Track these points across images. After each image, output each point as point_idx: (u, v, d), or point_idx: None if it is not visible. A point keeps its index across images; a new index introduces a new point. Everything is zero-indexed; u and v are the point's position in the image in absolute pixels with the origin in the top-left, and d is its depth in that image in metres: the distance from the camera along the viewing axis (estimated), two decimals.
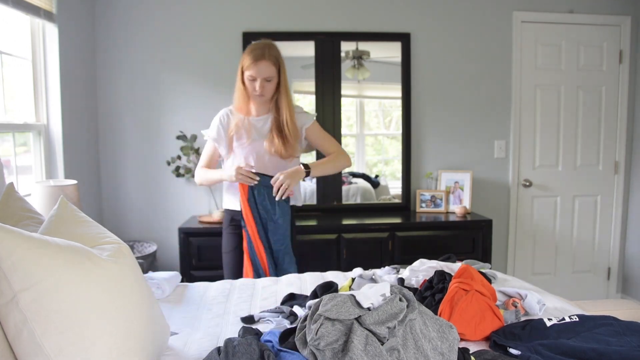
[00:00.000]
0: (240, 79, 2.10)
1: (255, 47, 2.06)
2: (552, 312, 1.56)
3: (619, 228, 3.63)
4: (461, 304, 1.41)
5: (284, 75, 2.11)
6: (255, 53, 2.03)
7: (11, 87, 2.55)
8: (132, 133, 3.26)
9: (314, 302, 1.18)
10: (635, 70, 3.54)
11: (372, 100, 3.48)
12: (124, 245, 1.16)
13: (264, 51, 2.03)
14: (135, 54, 3.21)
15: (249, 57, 2.04)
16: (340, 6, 3.29)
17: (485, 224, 3.10)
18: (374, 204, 3.43)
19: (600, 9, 3.46)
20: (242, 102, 2.14)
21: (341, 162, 2.26)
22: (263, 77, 2.04)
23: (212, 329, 1.48)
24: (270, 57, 2.03)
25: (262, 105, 2.16)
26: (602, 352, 1.14)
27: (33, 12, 2.46)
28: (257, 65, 2.02)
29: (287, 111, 2.11)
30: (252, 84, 2.06)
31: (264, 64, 2.02)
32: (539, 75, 3.48)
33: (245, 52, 2.08)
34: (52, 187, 2.22)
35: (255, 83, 2.05)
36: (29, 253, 0.90)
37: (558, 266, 3.62)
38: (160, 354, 1.21)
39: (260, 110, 2.17)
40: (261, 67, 2.02)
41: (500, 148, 3.49)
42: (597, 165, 3.59)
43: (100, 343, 0.95)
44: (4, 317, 0.91)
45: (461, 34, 3.39)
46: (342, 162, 2.27)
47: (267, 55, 2.03)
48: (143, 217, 3.31)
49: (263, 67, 2.03)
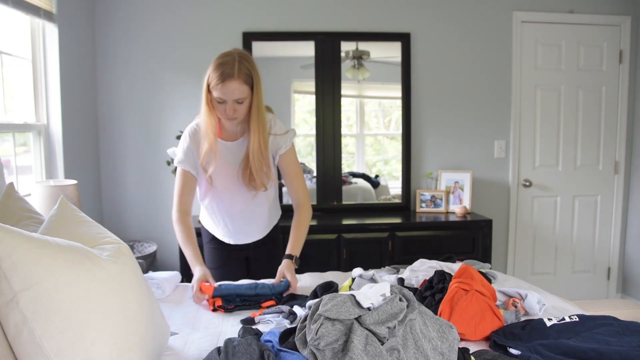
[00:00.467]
0: (206, 98, 1.72)
1: (222, 62, 1.67)
2: (552, 312, 1.56)
3: (619, 228, 3.63)
4: (461, 304, 1.41)
5: (258, 93, 1.71)
6: (223, 70, 1.64)
7: (11, 87, 2.55)
8: (132, 133, 3.26)
9: (314, 302, 1.18)
10: (635, 70, 3.54)
11: (371, 100, 3.48)
12: (124, 245, 1.16)
13: (233, 68, 1.64)
14: (135, 53, 3.21)
15: (215, 75, 1.65)
16: (340, 6, 3.29)
17: (485, 224, 3.10)
18: (374, 204, 3.43)
19: (600, 9, 3.46)
20: (211, 124, 1.76)
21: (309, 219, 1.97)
22: (233, 99, 1.67)
23: (212, 329, 1.49)
24: (240, 74, 1.65)
25: (235, 126, 1.82)
26: (602, 352, 1.14)
27: (33, 12, 2.46)
28: (225, 86, 1.64)
29: (257, 138, 1.75)
30: (221, 106, 1.70)
31: (234, 85, 1.64)
32: (539, 75, 3.48)
33: (211, 66, 1.69)
34: (52, 187, 2.22)
35: (225, 105, 1.68)
36: (29, 253, 0.90)
37: (558, 266, 3.62)
38: (160, 354, 1.22)
39: (234, 133, 1.84)
40: (230, 87, 1.64)
41: (500, 148, 3.49)
42: (597, 165, 3.59)
43: (100, 343, 0.95)
44: (4, 317, 0.91)
45: (461, 34, 3.39)
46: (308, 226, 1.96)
47: (236, 73, 1.64)
48: (143, 217, 3.31)
49: (233, 87, 1.65)
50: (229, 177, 1.85)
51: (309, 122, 3.36)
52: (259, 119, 1.74)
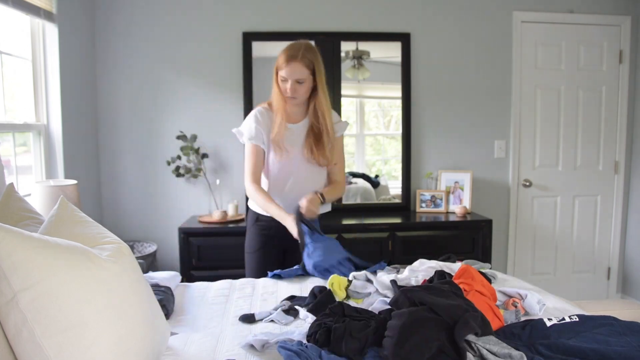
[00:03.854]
0: (275, 78, 2.03)
1: (290, 47, 2.00)
2: (552, 312, 1.56)
3: (619, 228, 3.63)
4: None
5: (321, 78, 2.02)
6: (289, 53, 1.97)
7: (11, 87, 2.55)
8: (132, 133, 3.26)
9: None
10: (635, 70, 3.54)
11: (371, 100, 3.48)
12: (124, 245, 1.16)
13: (298, 52, 1.96)
14: (135, 53, 3.21)
15: (282, 57, 1.98)
16: (340, 6, 3.29)
17: (485, 224, 3.10)
18: (374, 204, 3.43)
19: (600, 9, 3.46)
20: (279, 103, 2.05)
21: (342, 193, 2.32)
22: (294, 78, 1.97)
23: (212, 329, 1.48)
24: (303, 58, 1.96)
25: (297, 109, 2.10)
26: (602, 352, 1.14)
27: (33, 12, 2.46)
28: (288, 66, 1.96)
29: (328, 117, 2.06)
30: (284, 84, 2.00)
31: (296, 65, 1.95)
32: (539, 75, 3.48)
33: (281, 51, 2.01)
34: (52, 187, 2.22)
35: (287, 84, 1.98)
36: (29, 253, 0.90)
37: (558, 266, 3.62)
38: (160, 354, 1.21)
39: (297, 116, 2.11)
40: (293, 68, 1.96)
41: (500, 148, 3.49)
42: (597, 165, 3.59)
43: (100, 343, 0.95)
44: (4, 317, 0.91)
45: (461, 34, 3.39)
46: (342, 194, 2.34)
47: (300, 57, 1.96)
48: (143, 217, 3.31)
49: (295, 68, 1.96)
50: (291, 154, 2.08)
51: None
52: (326, 101, 2.06)
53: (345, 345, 1.18)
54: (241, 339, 1.37)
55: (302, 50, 1.97)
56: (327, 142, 2.07)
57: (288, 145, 2.07)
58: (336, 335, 1.20)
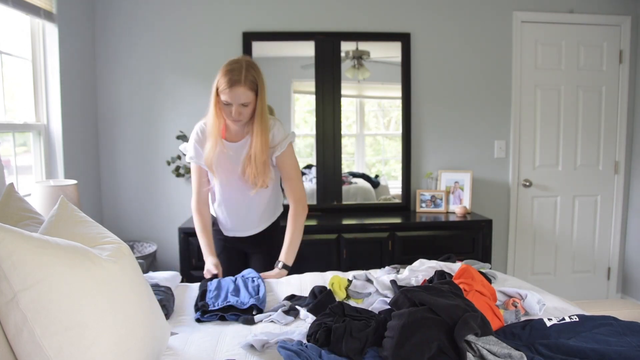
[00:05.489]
0: (215, 101, 1.88)
1: (231, 70, 1.83)
2: (552, 312, 1.56)
3: (619, 228, 3.63)
4: None
5: (262, 98, 1.88)
6: (231, 77, 1.81)
7: (11, 87, 2.55)
8: (132, 133, 3.26)
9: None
10: (635, 70, 3.54)
11: (371, 100, 3.48)
12: (124, 245, 1.16)
13: (240, 75, 1.81)
14: (135, 53, 3.21)
15: (224, 81, 1.82)
16: (340, 6, 3.30)
17: (485, 224, 3.10)
18: (374, 204, 3.43)
19: (600, 9, 3.46)
20: (216, 125, 1.92)
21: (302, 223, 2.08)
22: (239, 103, 1.84)
23: (212, 329, 1.49)
24: (246, 81, 1.82)
25: (239, 128, 1.98)
26: (602, 352, 1.14)
27: (33, 12, 2.46)
28: (232, 91, 1.81)
29: (259, 140, 1.91)
30: (227, 108, 1.86)
31: (240, 90, 1.81)
32: (539, 75, 3.48)
33: (221, 71, 1.85)
34: (52, 187, 2.22)
35: (231, 107, 1.85)
36: (29, 253, 0.90)
37: (558, 266, 3.62)
38: (160, 354, 1.21)
39: (237, 134, 1.99)
40: (236, 93, 1.81)
41: (500, 148, 3.49)
42: (597, 165, 3.59)
43: (100, 343, 0.95)
44: (4, 317, 0.91)
45: (461, 34, 3.39)
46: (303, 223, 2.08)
47: (243, 80, 1.81)
48: (143, 217, 3.31)
49: (238, 92, 1.81)
50: (231, 173, 2.00)
51: (308, 122, 3.36)
52: (262, 122, 1.92)
53: (345, 345, 1.18)
54: (241, 339, 1.37)
55: (243, 71, 1.82)
56: (260, 163, 1.93)
57: (228, 164, 1.98)
58: (336, 335, 1.21)
